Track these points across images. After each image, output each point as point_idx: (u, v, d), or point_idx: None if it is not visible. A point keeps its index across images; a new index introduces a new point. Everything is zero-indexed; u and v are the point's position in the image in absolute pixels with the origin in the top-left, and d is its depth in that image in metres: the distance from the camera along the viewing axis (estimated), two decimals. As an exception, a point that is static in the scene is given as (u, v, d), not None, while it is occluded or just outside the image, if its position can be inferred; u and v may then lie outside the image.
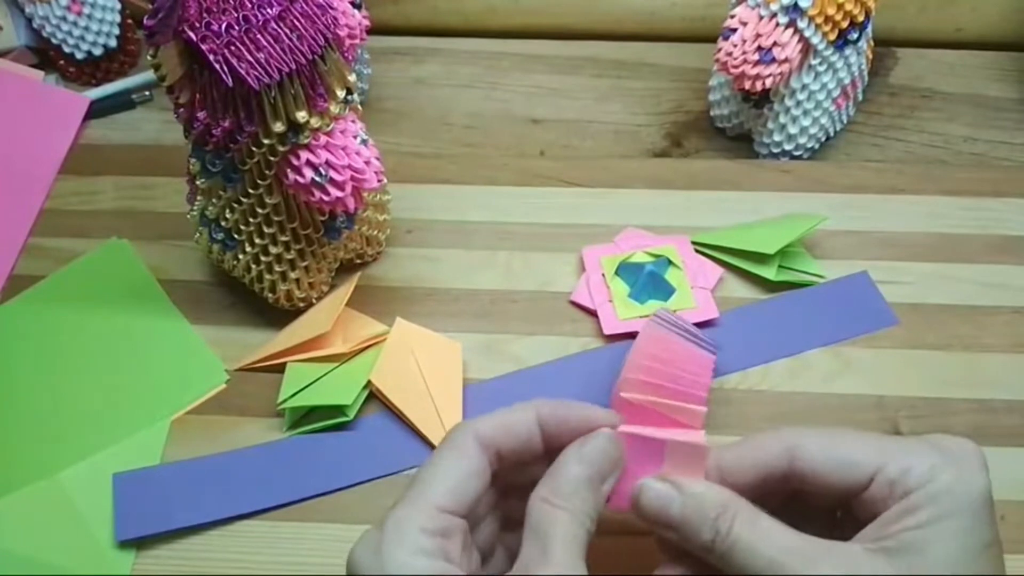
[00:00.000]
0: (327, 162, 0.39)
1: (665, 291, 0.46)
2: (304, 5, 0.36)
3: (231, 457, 0.42)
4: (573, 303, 0.47)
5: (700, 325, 0.44)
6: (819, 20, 0.46)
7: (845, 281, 0.47)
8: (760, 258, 0.47)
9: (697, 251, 0.48)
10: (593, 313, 0.46)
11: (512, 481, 0.33)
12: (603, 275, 0.47)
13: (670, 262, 0.47)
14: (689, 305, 0.46)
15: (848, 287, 0.47)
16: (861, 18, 0.48)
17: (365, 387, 0.43)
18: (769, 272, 0.47)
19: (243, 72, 0.35)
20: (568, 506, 0.30)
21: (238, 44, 0.35)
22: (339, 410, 0.43)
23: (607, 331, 0.45)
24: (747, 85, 0.48)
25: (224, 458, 0.42)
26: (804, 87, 0.50)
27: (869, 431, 0.32)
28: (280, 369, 0.44)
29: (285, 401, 0.43)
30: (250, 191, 0.40)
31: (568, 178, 0.53)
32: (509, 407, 0.33)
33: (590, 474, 0.31)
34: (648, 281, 0.46)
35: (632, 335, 0.44)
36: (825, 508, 0.32)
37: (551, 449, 0.32)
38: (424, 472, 0.31)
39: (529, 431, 0.32)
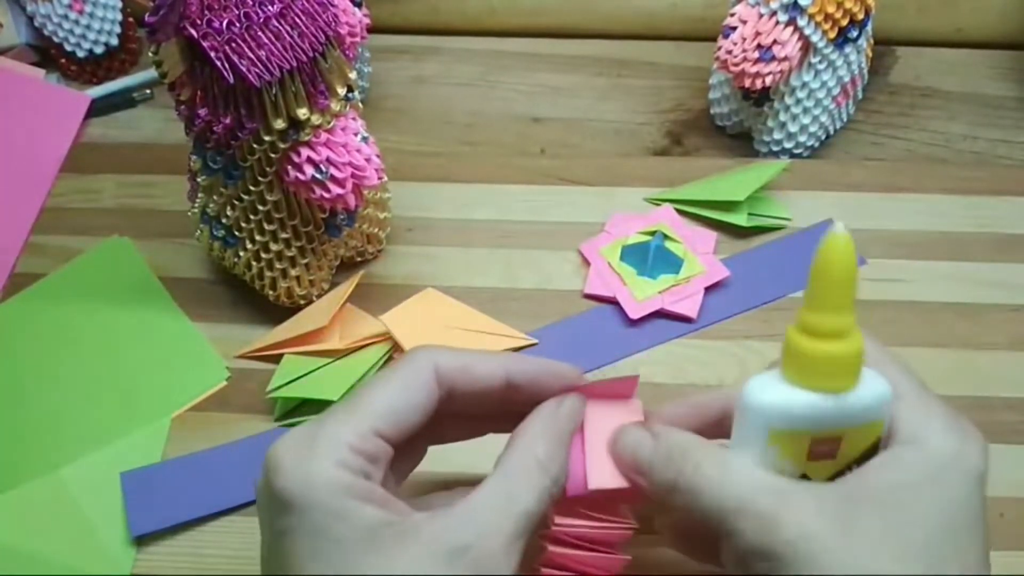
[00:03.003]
0: (328, 159, 0.39)
1: (674, 263, 0.47)
2: (305, 3, 0.36)
3: (234, 448, 0.42)
4: (588, 296, 0.47)
5: (712, 287, 0.46)
6: (819, 18, 0.47)
7: (813, 230, 0.49)
8: (729, 206, 0.49)
9: (678, 211, 0.50)
10: (610, 301, 0.47)
11: (450, 422, 0.32)
12: (608, 264, 0.47)
13: (666, 236, 0.47)
14: (699, 270, 0.47)
15: (817, 234, 0.48)
16: (861, 16, 0.48)
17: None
18: (740, 219, 0.49)
19: (244, 69, 0.35)
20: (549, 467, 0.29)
21: (239, 41, 0.35)
22: (328, 405, 0.43)
23: (633, 316, 0.46)
24: (747, 83, 0.48)
25: (227, 449, 0.42)
26: (804, 85, 0.50)
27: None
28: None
29: (275, 390, 0.43)
30: (251, 188, 0.40)
31: (568, 176, 0.53)
32: (479, 352, 0.32)
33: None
34: (657, 256, 0.47)
35: (657, 314, 0.46)
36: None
37: (512, 402, 0.32)
38: (371, 388, 0.30)
39: (492, 379, 0.31)
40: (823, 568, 0.25)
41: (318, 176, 0.39)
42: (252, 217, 0.42)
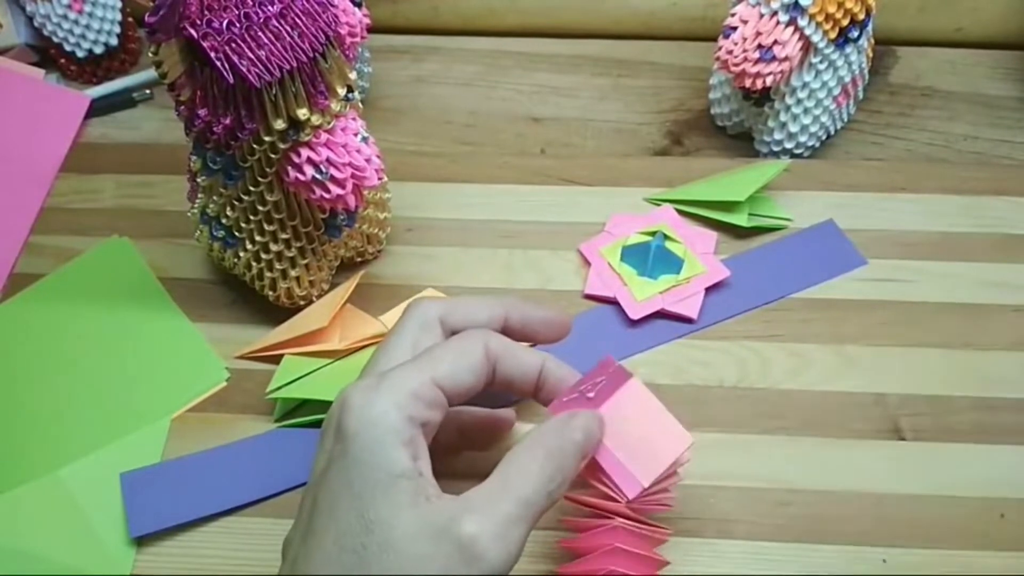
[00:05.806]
0: (328, 160, 0.39)
1: (674, 263, 0.47)
2: (305, 3, 0.36)
3: (234, 448, 0.42)
4: (588, 296, 0.47)
5: (712, 287, 0.46)
6: (820, 18, 0.46)
7: (813, 230, 0.49)
8: (730, 206, 0.49)
9: (679, 211, 0.50)
10: (610, 301, 0.47)
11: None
12: (608, 264, 0.47)
13: (667, 236, 0.47)
14: (699, 270, 0.47)
15: (818, 235, 0.49)
16: (862, 16, 0.48)
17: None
18: (740, 219, 0.49)
19: (244, 69, 0.35)
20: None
21: (239, 41, 0.35)
22: (328, 406, 0.43)
23: (633, 316, 0.46)
24: (747, 83, 0.48)
25: (227, 449, 0.42)
26: (805, 85, 0.50)
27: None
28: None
29: (274, 391, 0.43)
30: (251, 188, 0.40)
31: (569, 176, 0.53)
32: (522, 344, 0.35)
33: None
34: (658, 256, 0.47)
35: (657, 314, 0.46)
36: None
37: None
38: (432, 350, 0.33)
39: (530, 368, 0.35)
40: None
41: (318, 176, 0.39)
42: (252, 218, 0.42)
